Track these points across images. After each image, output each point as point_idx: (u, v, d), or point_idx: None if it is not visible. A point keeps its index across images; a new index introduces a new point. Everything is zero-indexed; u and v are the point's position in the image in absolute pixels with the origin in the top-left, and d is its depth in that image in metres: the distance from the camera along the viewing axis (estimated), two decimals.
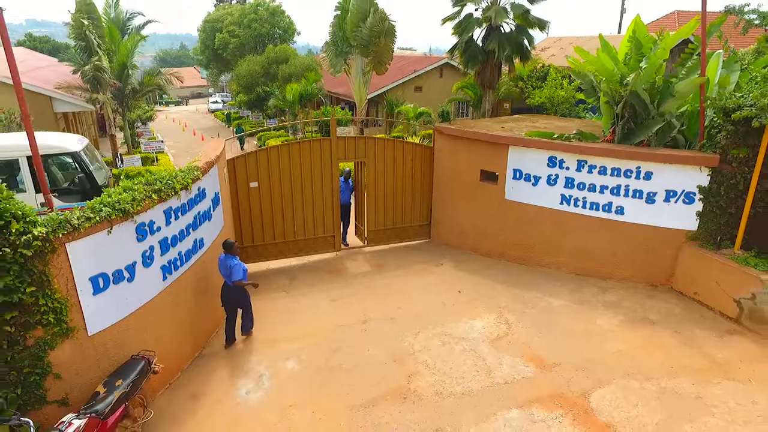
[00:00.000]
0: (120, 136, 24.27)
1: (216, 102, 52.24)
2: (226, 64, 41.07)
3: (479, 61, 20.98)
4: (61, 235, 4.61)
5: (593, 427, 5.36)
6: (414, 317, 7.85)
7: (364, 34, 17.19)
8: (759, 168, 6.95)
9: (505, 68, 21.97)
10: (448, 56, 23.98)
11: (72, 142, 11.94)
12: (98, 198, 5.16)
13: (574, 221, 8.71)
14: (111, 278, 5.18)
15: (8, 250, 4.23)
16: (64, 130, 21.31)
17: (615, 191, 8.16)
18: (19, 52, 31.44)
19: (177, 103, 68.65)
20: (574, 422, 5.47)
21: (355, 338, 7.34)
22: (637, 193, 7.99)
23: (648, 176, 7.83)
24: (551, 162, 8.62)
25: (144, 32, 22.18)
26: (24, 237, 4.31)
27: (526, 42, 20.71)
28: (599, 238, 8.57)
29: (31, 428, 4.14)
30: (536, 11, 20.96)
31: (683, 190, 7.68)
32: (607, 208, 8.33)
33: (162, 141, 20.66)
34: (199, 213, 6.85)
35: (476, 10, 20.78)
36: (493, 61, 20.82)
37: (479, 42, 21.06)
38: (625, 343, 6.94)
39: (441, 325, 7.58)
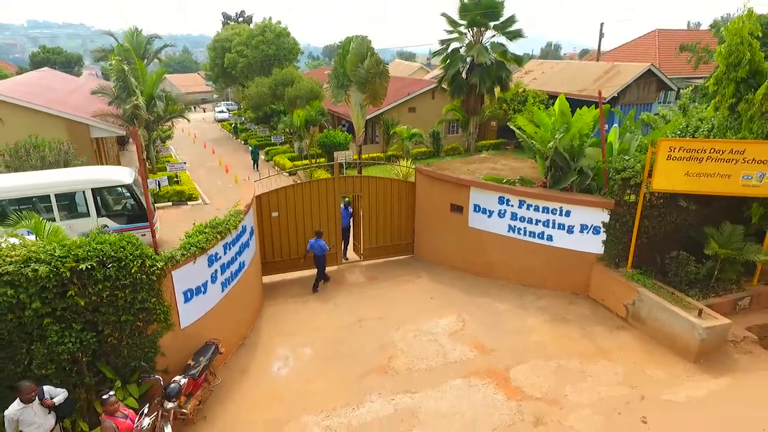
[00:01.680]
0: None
1: (222, 111, 54.81)
2: (233, 80, 43.92)
3: (464, 92, 23.93)
4: (169, 266, 7.45)
5: (508, 389, 8.20)
6: (396, 317, 10.65)
7: (361, 74, 19.97)
8: (639, 211, 9.77)
9: (487, 97, 24.82)
10: (437, 83, 26.75)
11: (125, 175, 14.71)
12: (187, 240, 7.98)
13: (518, 245, 11.53)
14: (194, 291, 8.03)
15: (144, 277, 7.06)
16: (95, 151, 24.20)
17: (546, 224, 10.99)
18: (45, 75, 34.29)
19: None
20: (497, 387, 8.30)
21: (353, 333, 10.15)
22: (561, 226, 10.82)
23: (568, 214, 10.66)
24: (501, 200, 11.44)
25: (145, 33, 25.09)
26: (152, 268, 7.14)
27: (504, 75, 23.60)
28: (536, 259, 11.38)
29: (161, 381, 6.98)
30: (514, 47, 23.80)
31: (593, 225, 10.51)
32: (541, 236, 11.15)
33: (184, 162, 23.43)
34: (242, 243, 9.68)
35: (461, 47, 23.67)
36: (476, 93, 23.74)
37: (464, 75, 23.97)
38: (544, 335, 9.76)
39: (415, 323, 10.38)
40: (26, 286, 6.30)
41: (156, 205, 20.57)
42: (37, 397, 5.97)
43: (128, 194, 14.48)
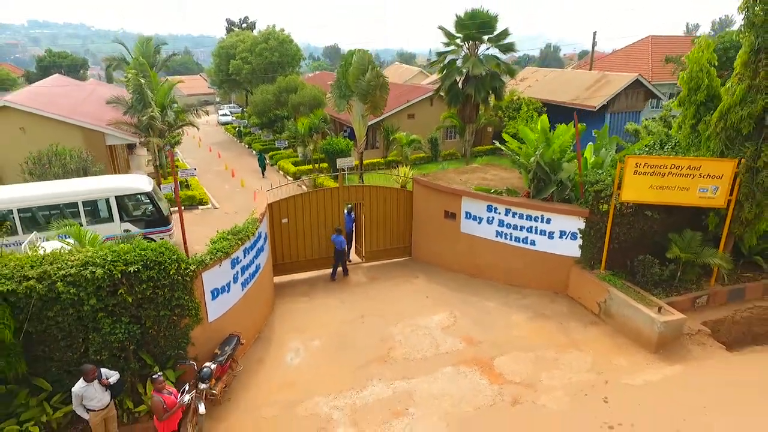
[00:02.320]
0: (145, 154, 28.52)
1: (225, 115, 56.05)
2: (238, 85, 45.20)
3: (460, 101, 25.13)
4: (200, 268, 8.69)
5: (491, 375, 9.45)
6: (395, 314, 11.87)
7: (363, 86, 21.19)
8: (611, 219, 11.00)
9: (482, 106, 25.99)
10: (435, 92, 27.93)
11: (145, 183, 15.94)
12: (213, 245, 9.21)
13: (505, 249, 12.77)
14: (220, 290, 9.27)
15: (180, 278, 8.30)
16: (109, 157, 25.45)
17: (529, 230, 12.23)
18: (58, 83, 35.51)
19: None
20: (482, 373, 9.55)
21: (356, 328, 11.38)
22: (543, 232, 12.06)
23: (548, 221, 11.90)
24: (489, 208, 12.68)
25: (146, 34, 26.42)
26: (186, 270, 8.39)
27: (498, 86, 24.80)
28: (521, 261, 12.62)
29: (195, 366, 8.23)
30: (507, 58, 25.01)
31: (570, 231, 11.74)
32: (525, 241, 12.39)
33: (194, 168, 24.61)
34: (258, 247, 10.92)
35: (457, 59, 24.89)
36: (472, 102, 24.94)
37: (460, 85, 25.19)
38: (526, 330, 11.00)
39: (412, 319, 11.61)
40: (85, 286, 7.55)
41: (170, 209, 21.84)
42: (96, 378, 7.21)
43: (148, 201, 15.71)
